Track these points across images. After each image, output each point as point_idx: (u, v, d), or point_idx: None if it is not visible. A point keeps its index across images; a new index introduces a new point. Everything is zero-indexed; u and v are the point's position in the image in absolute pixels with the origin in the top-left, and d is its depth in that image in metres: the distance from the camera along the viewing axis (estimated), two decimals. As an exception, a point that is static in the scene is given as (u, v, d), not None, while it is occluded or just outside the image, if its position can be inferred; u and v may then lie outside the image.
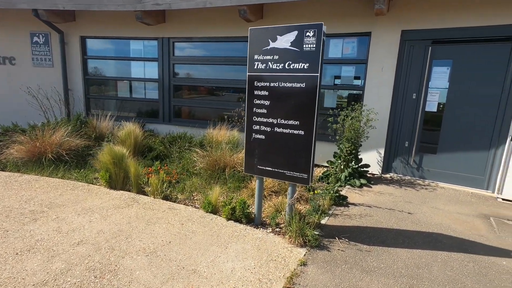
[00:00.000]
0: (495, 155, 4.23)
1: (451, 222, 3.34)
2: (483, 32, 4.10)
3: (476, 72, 4.23)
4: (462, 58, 4.30)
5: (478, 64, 4.20)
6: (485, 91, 4.20)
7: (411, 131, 4.77)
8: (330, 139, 4.83)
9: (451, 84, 4.43)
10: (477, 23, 4.07)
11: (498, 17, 3.94)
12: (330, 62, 5.30)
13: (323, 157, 5.11)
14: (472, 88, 4.28)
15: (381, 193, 4.18)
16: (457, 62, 4.35)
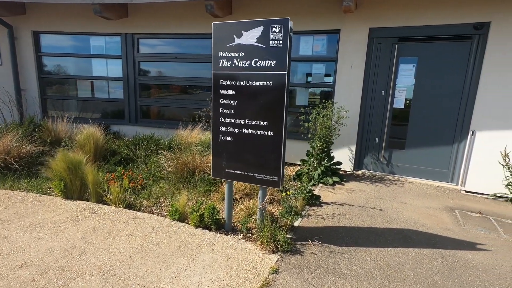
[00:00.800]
0: (458, 149, 4.40)
1: (419, 217, 3.41)
2: (446, 30, 4.23)
3: (439, 69, 4.36)
4: (426, 55, 4.41)
5: (442, 61, 4.33)
6: (448, 87, 4.34)
7: (380, 128, 4.84)
8: (303, 137, 4.78)
9: (416, 80, 4.53)
10: (440, 22, 4.18)
11: (458, 16, 4.07)
12: (301, 60, 5.25)
13: (296, 156, 5.06)
14: (436, 85, 4.41)
15: (353, 190, 4.19)
16: (422, 60, 4.45)
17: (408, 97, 4.65)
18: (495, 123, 4.03)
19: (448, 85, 4.34)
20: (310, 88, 5.38)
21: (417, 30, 4.38)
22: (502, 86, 3.93)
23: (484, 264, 2.51)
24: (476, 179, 4.22)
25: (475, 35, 4.10)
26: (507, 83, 3.90)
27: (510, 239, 2.95)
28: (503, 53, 3.87)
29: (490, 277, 2.34)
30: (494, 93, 3.99)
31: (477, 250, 2.72)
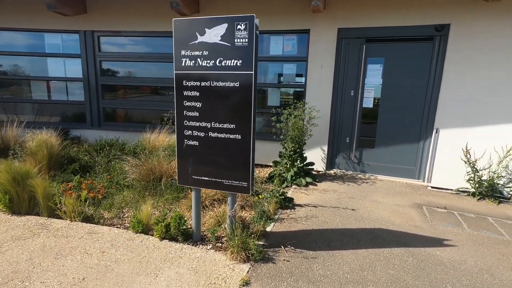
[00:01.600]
0: (424, 147, 4.54)
1: (390, 215, 3.44)
2: (410, 31, 4.34)
3: (405, 69, 4.47)
4: (393, 55, 4.51)
5: (407, 62, 4.45)
6: (414, 87, 4.47)
7: (351, 127, 4.89)
8: (275, 138, 4.71)
9: (384, 80, 4.62)
10: (405, 23, 4.29)
11: (421, 18, 4.19)
12: (272, 60, 5.18)
13: (269, 157, 4.98)
14: (402, 84, 4.52)
15: (326, 191, 4.18)
16: (389, 60, 4.55)
17: (377, 97, 4.73)
18: (457, 121, 4.20)
19: (413, 84, 4.47)
20: (282, 88, 5.32)
21: (384, 31, 4.46)
22: (462, 85, 4.10)
23: (451, 260, 2.56)
24: (441, 175, 4.38)
25: (436, 36, 4.25)
26: (467, 83, 4.07)
27: (473, 233, 3.06)
28: (462, 53, 4.04)
29: (458, 273, 2.38)
30: (455, 92, 4.15)
31: (445, 247, 2.78)
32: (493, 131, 4.03)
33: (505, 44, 3.83)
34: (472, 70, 4.02)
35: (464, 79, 4.08)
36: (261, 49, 5.16)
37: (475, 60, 3.99)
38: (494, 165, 4.03)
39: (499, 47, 3.86)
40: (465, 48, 4.02)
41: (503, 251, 2.74)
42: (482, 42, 3.93)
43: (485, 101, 4.02)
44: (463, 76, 4.08)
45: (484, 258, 2.61)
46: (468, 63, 4.03)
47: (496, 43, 3.87)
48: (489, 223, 3.31)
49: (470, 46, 3.99)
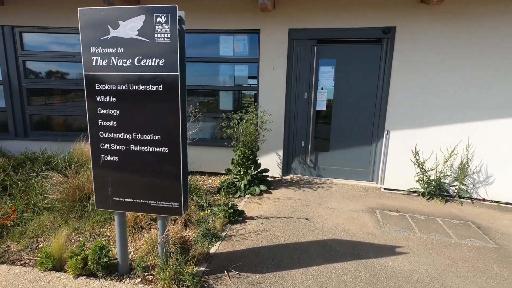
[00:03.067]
0: (376, 148, 4.54)
1: (344, 223, 3.31)
2: (359, 33, 4.30)
3: (356, 71, 4.43)
4: (344, 57, 4.45)
5: (358, 64, 4.41)
6: (364, 89, 4.44)
7: (305, 131, 4.75)
8: (226, 145, 4.39)
9: (336, 82, 4.55)
10: (354, 25, 4.24)
11: (369, 20, 4.17)
12: (222, 61, 4.87)
13: (222, 165, 4.65)
14: (354, 86, 4.48)
15: (281, 199, 3.96)
16: (340, 62, 4.48)
17: (330, 99, 4.64)
18: (406, 122, 4.24)
19: (364, 86, 4.44)
20: (234, 91, 5.03)
21: (334, 33, 4.38)
22: (409, 87, 4.14)
23: (403, 271, 2.44)
24: (393, 177, 4.40)
25: (384, 39, 4.26)
26: (414, 84, 4.12)
27: (424, 237, 3.02)
28: (408, 56, 4.08)
29: (409, 285, 2.26)
30: (403, 94, 4.19)
31: (397, 255, 2.67)
32: (439, 131, 4.12)
33: (447, 46, 3.93)
34: (418, 72, 4.08)
35: (411, 81, 4.13)
36: (211, 50, 4.83)
37: (420, 62, 4.05)
38: (440, 165, 4.12)
39: (442, 49, 3.95)
40: (410, 51, 4.07)
41: (452, 255, 2.70)
42: (426, 44, 4.00)
43: (431, 102, 4.10)
44: (409, 78, 4.13)
45: (434, 265, 2.53)
46: (414, 65, 4.08)
47: (439, 45, 3.96)
48: (438, 224, 3.31)
49: (415, 49, 4.05)
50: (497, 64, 3.79)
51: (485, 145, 3.98)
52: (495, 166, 3.99)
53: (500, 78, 3.81)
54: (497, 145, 3.94)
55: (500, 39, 3.74)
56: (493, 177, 4.03)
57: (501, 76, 3.81)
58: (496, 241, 2.98)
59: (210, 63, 4.90)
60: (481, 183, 4.09)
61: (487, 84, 3.87)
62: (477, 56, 3.85)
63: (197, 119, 3.91)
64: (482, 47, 3.81)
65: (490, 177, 4.04)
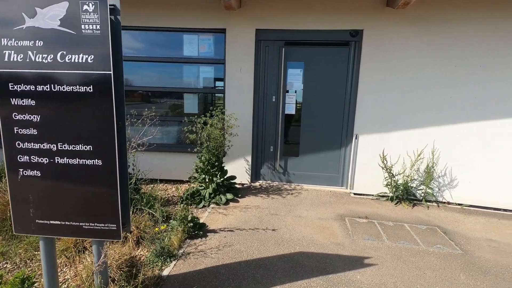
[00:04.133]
0: (346, 153, 4.46)
1: (312, 232, 3.14)
2: (327, 36, 4.21)
3: (324, 74, 4.33)
4: (312, 60, 4.34)
5: (326, 66, 4.31)
6: (333, 93, 4.36)
7: (274, 135, 4.57)
8: (190, 150, 4.10)
9: (304, 85, 4.42)
10: (322, 27, 4.14)
11: (337, 23, 4.08)
12: (186, 62, 4.58)
13: (189, 172, 4.34)
14: (323, 90, 4.37)
15: (248, 208, 3.73)
16: (308, 64, 4.36)
17: (299, 102, 4.51)
18: (374, 126, 4.19)
19: (333, 89, 4.35)
20: (200, 93, 4.75)
21: (302, 34, 4.26)
22: (377, 91, 4.11)
23: (371, 285, 2.30)
24: (362, 182, 4.33)
25: (352, 42, 4.20)
26: (381, 88, 4.09)
27: (392, 245, 2.92)
28: (375, 59, 4.04)
29: (378, 302, 2.12)
30: (371, 98, 4.14)
31: (365, 267, 2.54)
32: (406, 135, 4.11)
33: (413, 50, 3.93)
34: (385, 76, 4.06)
35: (378, 84, 4.09)
36: (175, 49, 4.53)
37: (388, 66, 4.03)
38: (408, 169, 4.11)
39: (408, 53, 3.95)
40: (378, 54, 4.03)
41: (420, 264, 2.62)
42: (392, 49, 3.98)
43: (398, 106, 4.08)
44: (377, 82, 4.09)
45: (403, 277, 2.43)
46: (382, 69, 4.05)
47: (405, 50, 3.95)
48: (406, 231, 3.25)
49: (382, 52, 4.02)
50: (459, 69, 3.85)
51: (449, 148, 4.02)
52: (458, 169, 4.05)
53: (462, 83, 3.87)
54: (460, 149, 3.99)
55: (461, 45, 3.80)
56: (457, 180, 4.08)
57: (462, 81, 3.87)
58: (461, 247, 2.95)
59: (174, 64, 4.60)
60: (446, 186, 4.13)
61: (450, 88, 3.91)
62: (441, 61, 3.89)
63: (153, 123, 3.59)
64: (445, 53, 3.86)
65: (454, 180, 4.09)
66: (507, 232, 3.36)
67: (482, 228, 3.43)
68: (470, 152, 3.97)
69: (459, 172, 4.05)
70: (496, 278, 2.45)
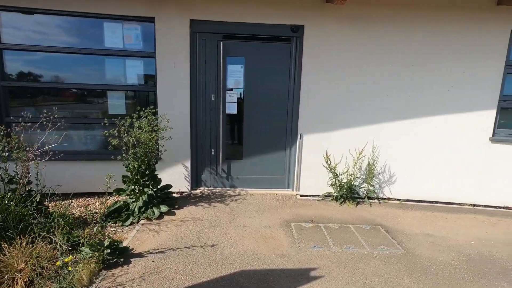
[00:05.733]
0: (291, 154, 4.29)
1: (256, 245, 2.85)
2: (268, 30, 3.96)
3: (266, 71, 4.08)
4: (253, 55, 4.05)
5: (268, 63, 4.06)
6: (277, 91, 4.14)
7: (215, 137, 4.18)
8: (113, 158, 3.48)
9: (246, 83, 4.12)
10: (262, 21, 3.87)
11: (278, 17, 3.86)
12: (109, 54, 3.93)
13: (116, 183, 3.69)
14: (266, 87, 4.12)
15: (185, 221, 3.29)
16: (249, 60, 4.06)
17: (242, 101, 4.19)
18: (318, 126, 4.08)
19: (276, 87, 4.13)
20: (129, 92, 4.13)
21: (242, 28, 3.94)
22: (319, 89, 3.99)
23: (318, 303, 2.08)
24: (308, 183, 4.20)
25: (293, 38, 4.02)
26: (323, 86, 3.98)
27: (338, 251, 2.78)
28: (317, 56, 3.92)
29: (325, 324, 1.90)
30: (314, 96, 4.01)
31: (312, 281, 2.32)
32: (349, 134, 4.08)
33: (354, 48, 3.89)
34: (327, 74, 3.96)
35: (320, 83, 3.98)
36: (93, 39, 3.84)
37: (329, 63, 3.93)
38: (351, 168, 4.09)
39: (349, 51, 3.90)
40: (319, 51, 3.91)
41: (366, 270, 2.50)
42: (334, 46, 3.89)
43: (340, 105, 4.02)
44: (319, 80, 3.97)
45: (350, 287, 2.26)
46: (323, 66, 3.94)
47: (346, 47, 3.89)
48: (351, 233, 3.16)
49: (324, 49, 3.90)
50: (395, 68, 3.93)
51: (387, 146, 4.10)
52: (396, 165, 4.15)
53: (398, 82, 3.95)
54: (397, 146, 4.09)
55: (396, 44, 3.88)
56: (395, 176, 4.19)
57: (398, 80, 3.95)
58: (403, 245, 2.94)
59: (92, 56, 3.90)
60: (386, 183, 4.21)
61: (388, 87, 3.97)
62: (380, 60, 3.91)
63: (57, 127, 2.93)
64: (383, 51, 3.89)
65: (393, 176, 4.19)
66: (440, 224, 3.50)
67: (419, 223, 3.52)
68: (405, 149, 4.10)
69: (397, 168, 4.16)
70: (436, 277, 2.44)
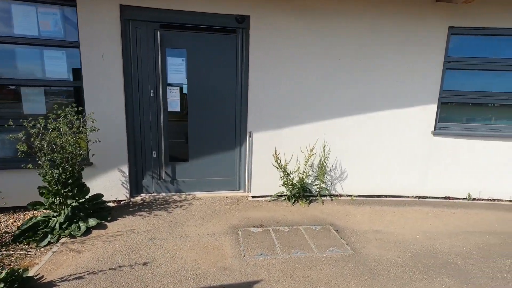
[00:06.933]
0: (241, 153, 4.04)
1: (197, 257, 2.55)
2: (212, 20, 3.63)
3: (212, 65, 3.76)
4: (196, 48, 3.70)
5: (213, 56, 3.74)
6: (224, 86, 3.84)
7: (156, 138, 3.78)
8: (23, 167, 2.93)
9: (189, 78, 3.76)
10: (205, 9, 3.54)
11: (222, 5, 3.55)
12: (20, 42, 3.32)
13: (27, 195, 3.13)
14: (211, 83, 3.81)
15: (117, 235, 2.88)
16: (192, 53, 3.71)
17: (184, 98, 3.82)
18: (268, 123, 3.87)
19: (223, 82, 3.83)
20: (50, 87, 3.54)
21: (182, 16, 3.57)
22: (268, 85, 3.78)
23: (258, 323, 1.86)
24: (260, 183, 3.99)
25: (239, 29, 3.74)
26: (272, 82, 3.77)
27: (286, 258, 2.59)
28: (264, 50, 3.69)
29: None
30: (263, 92, 3.79)
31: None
32: (299, 131, 3.93)
33: (303, 41, 3.72)
34: (276, 68, 3.75)
35: (270, 77, 3.77)
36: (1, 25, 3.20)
37: (277, 57, 3.73)
38: (302, 166, 3.96)
39: (298, 45, 3.72)
40: (267, 44, 3.69)
41: (313, 277, 2.34)
42: (282, 39, 3.69)
43: (290, 101, 3.85)
44: (268, 74, 3.76)
45: (294, 301, 2.07)
46: (272, 60, 3.73)
47: (295, 41, 3.71)
48: (301, 236, 3.00)
49: (272, 42, 3.69)
50: (343, 62, 3.84)
51: (338, 142, 4.03)
52: (347, 161, 4.11)
53: (347, 77, 3.88)
54: (347, 141, 4.04)
55: (345, 38, 3.78)
56: (346, 172, 4.15)
57: (347, 75, 3.88)
58: (352, 245, 2.85)
59: None
60: (338, 179, 4.16)
61: (337, 82, 3.88)
62: (328, 54, 3.80)
63: None
64: (332, 45, 3.78)
65: (344, 172, 4.15)
66: (388, 219, 3.50)
67: (369, 218, 3.49)
68: (355, 144, 4.06)
69: (348, 164, 4.12)
70: (383, 279, 2.35)
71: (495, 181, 4.16)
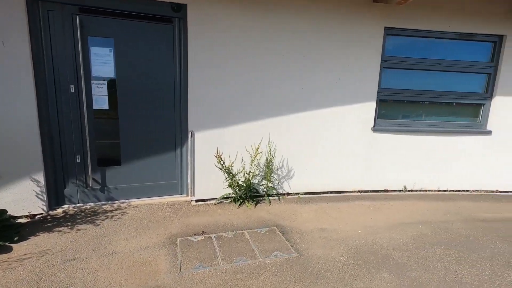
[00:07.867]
0: (182, 154, 3.72)
1: (125, 277, 2.22)
2: (144, 7, 3.24)
3: (146, 57, 3.37)
4: (127, 37, 3.27)
5: (147, 47, 3.35)
6: (160, 81, 3.47)
7: (80, 140, 3.28)
8: None
9: (119, 71, 3.32)
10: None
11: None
12: None
13: None
14: (145, 77, 3.41)
15: (24, 259, 2.39)
16: (121, 43, 3.28)
17: (113, 94, 3.37)
18: (210, 122, 3.61)
19: (159, 77, 3.46)
20: None
21: (105, 1, 3.11)
22: (209, 81, 3.51)
23: None
24: (204, 186, 3.73)
25: (175, 18, 3.41)
26: (214, 77, 3.52)
27: (227, 268, 2.39)
28: (204, 43, 3.42)
29: None
30: (204, 88, 3.51)
31: (186, 319, 1.84)
32: (244, 130, 3.74)
33: (247, 36, 3.51)
34: (218, 63, 3.50)
35: (211, 72, 3.50)
36: None
37: (218, 51, 3.47)
38: (248, 166, 3.79)
39: (241, 38, 3.50)
40: (207, 37, 3.41)
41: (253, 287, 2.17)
42: (223, 32, 3.44)
43: (234, 98, 3.63)
44: (209, 69, 3.49)
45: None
46: (212, 54, 3.46)
47: (237, 33, 3.48)
48: (245, 241, 2.82)
49: (211, 35, 3.42)
50: (286, 59, 3.74)
51: (283, 140, 3.94)
52: (293, 159, 4.05)
53: (290, 74, 3.79)
54: (293, 139, 3.97)
55: (290, 34, 3.67)
56: (293, 171, 4.09)
57: (290, 72, 3.79)
58: (297, 247, 2.76)
59: None
60: (285, 178, 4.08)
61: (281, 78, 3.77)
62: (273, 49, 3.64)
63: None
64: (276, 40, 3.64)
65: (291, 170, 4.08)
66: (333, 216, 3.51)
67: (315, 216, 3.46)
68: (301, 142, 4.02)
69: (294, 162, 4.06)
70: (326, 280, 2.29)
71: (426, 173, 4.47)
